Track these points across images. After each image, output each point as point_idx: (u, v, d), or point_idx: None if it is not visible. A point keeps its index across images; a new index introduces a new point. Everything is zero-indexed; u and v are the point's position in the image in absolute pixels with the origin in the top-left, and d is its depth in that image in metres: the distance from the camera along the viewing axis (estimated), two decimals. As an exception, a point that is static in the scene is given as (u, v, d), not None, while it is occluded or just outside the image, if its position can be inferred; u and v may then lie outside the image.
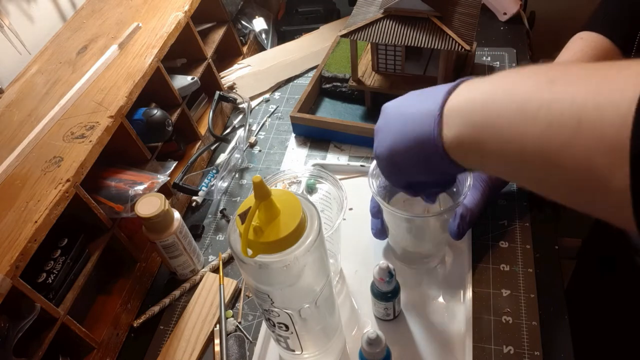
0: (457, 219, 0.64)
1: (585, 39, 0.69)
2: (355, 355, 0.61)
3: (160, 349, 0.67)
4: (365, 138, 0.85)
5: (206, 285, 0.72)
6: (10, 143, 0.66)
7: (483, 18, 1.05)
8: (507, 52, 0.99)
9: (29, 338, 0.56)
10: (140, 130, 0.73)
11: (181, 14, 0.82)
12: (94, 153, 0.63)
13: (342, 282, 0.70)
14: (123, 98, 0.69)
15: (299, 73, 1.05)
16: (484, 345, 0.61)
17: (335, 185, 0.63)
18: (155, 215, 0.65)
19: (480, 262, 0.69)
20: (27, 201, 0.58)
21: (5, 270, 0.51)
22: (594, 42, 0.68)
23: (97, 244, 0.66)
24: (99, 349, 0.64)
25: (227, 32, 1.01)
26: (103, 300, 0.70)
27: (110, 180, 0.70)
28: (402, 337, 0.64)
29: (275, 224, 0.43)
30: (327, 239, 0.61)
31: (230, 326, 0.68)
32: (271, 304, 0.49)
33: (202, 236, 0.80)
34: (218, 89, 0.95)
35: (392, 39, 0.77)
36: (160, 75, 0.78)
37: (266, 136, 0.95)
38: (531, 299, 0.64)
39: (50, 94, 0.73)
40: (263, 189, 0.42)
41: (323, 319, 0.55)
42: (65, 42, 0.84)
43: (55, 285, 0.60)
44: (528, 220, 0.73)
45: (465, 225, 0.64)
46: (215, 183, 0.84)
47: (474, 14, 0.80)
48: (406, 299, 0.67)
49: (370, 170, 0.62)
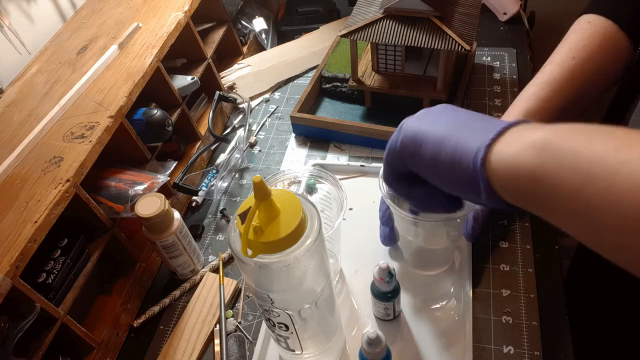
0: (470, 221, 0.64)
1: (592, 23, 0.67)
2: (355, 355, 0.61)
3: (160, 349, 0.67)
4: (365, 138, 0.86)
5: (206, 285, 0.72)
6: (10, 143, 0.66)
7: (483, 18, 1.05)
8: (507, 52, 0.99)
9: (29, 338, 0.56)
10: (140, 130, 0.73)
11: (181, 14, 0.82)
12: (94, 153, 0.63)
13: (342, 282, 0.70)
14: (123, 98, 0.69)
15: (299, 73, 1.05)
16: (484, 345, 0.61)
17: (335, 185, 0.63)
18: (155, 215, 0.65)
19: (480, 262, 0.69)
20: (27, 201, 0.58)
21: (5, 270, 0.51)
22: (602, 27, 0.66)
23: (97, 244, 0.66)
24: (99, 349, 0.64)
25: (227, 32, 1.01)
26: (103, 300, 0.70)
27: (110, 180, 0.70)
28: (402, 337, 0.64)
29: (275, 224, 0.43)
30: (327, 239, 0.61)
31: (230, 326, 0.68)
32: (271, 305, 0.49)
33: (202, 236, 0.80)
34: (218, 89, 0.95)
35: (392, 39, 0.77)
36: (160, 75, 0.78)
37: (266, 136, 0.95)
38: (531, 299, 0.64)
39: (50, 94, 0.73)
40: (263, 189, 0.42)
41: (323, 319, 0.55)
42: (65, 42, 0.84)
43: (55, 285, 0.60)
44: (528, 220, 0.73)
45: (479, 227, 0.64)
46: (215, 183, 0.84)
47: (474, 14, 0.80)
48: (406, 299, 0.67)
49: (380, 172, 0.62)
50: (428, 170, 0.44)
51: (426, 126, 0.44)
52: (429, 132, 0.43)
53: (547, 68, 0.66)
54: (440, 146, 0.42)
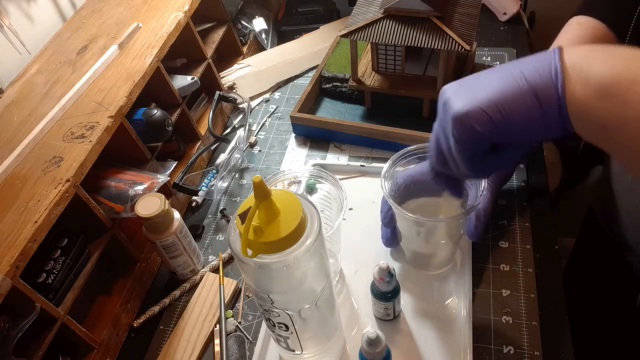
0: (473, 219, 0.64)
1: (582, 24, 0.69)
2: (355, 355, 0.61)
3: (160, 349, 0.67)
4: (365, 138, 0.86)
5: (206, 285, 0.72)
6: (10, 143, 0.66)
7: (483, 18, 1.05)
8: (507, 52, 1.00)
9: (29, 338, 0.56)
10: (140, 130, 0.73)
11: (181, 14, 0.82)
12: (94, 153, 0.63)
13: (342, 282, 0.70)
14: (123, 98, 0.69)
15: (299, 73, 1.05)
16: (484, 345, 0.61)
17: (335, 185, 0.63)
18: (155, 215, 0.65)
19: (480, 262, 0.69)
20: (27, 201, 0.58)
21: (5, 270, 0.51)
22: (592, 27, 0.67)
23: (97, 244, 0.66)
24: (99, 349, 0.64)
25: (227, 32, 1.01)
26: (103, 300, 0.70)
27: (110, 180, 0.70)
28: (402, 337, 0.64)
29: (275, 224, 0.43)
30: (327, 239, 0.61)
31: (230, 326, 0.68)
32: (271, 305, 0.49)
33: (202, 236, 0.80)
34: (218, 89, 0.95)
35: (392, 39, 0.77)
36: (160, 75, 0.78)
37: (266, 136, 0.95)
38: (531, 299, 0.64)
39: (50, 94, 0.73)
40: (263, 189, 0.42)
41: (323, 319, 0.55)
42: (65, 42, 0.84)
43: (55, 285, 0.60)
44: (528, 220, 0.73)
45: (482, 225, 0.64)
46: (215, 183, 0.84)
47: (474, 14, 0.80)
48: (406, 299, 0.67)
49: (383, 172, 0.62)
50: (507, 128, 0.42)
51: (478, 94, 0.42)
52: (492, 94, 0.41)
53: None
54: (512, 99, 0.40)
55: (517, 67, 0.41)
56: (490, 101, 0.41)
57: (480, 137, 0.42)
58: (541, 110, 0.39)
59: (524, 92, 0.40)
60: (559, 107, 0.39)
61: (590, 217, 0.88)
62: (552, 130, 0.40)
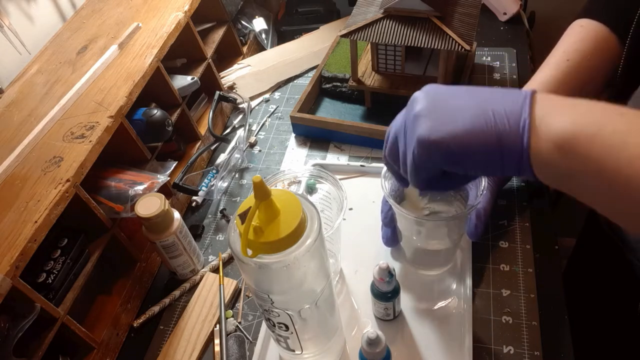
0: (474, 219, 0.64)
1: (585, 27, 0.69)
2: (355, 355, 0.61)
3: (160, 349, 0.67)
4: (365, 138, 0.86)
5: (206, 285, 0.72)
6: (10, 143, 0.66)
7: (483, 18, 1.05)
8: (507, 52, 0.99)
9: (29, 338, 0.56)
10: (140, 130, 0.73)
11: (181, 14, 0.82)
12: (94, 153, 0.63)
13: (342, 282, 0.70)
14: (123, 98, 0.69)
15: (299, 73, 1.05)
16: (484, 345, 0.61)
17: (335, 185, 0.63)
18: (155, 216, 0.65)
19: (480, 262, 0.69)
20: (27, 201, 0.58)
21: (5, 270, 0.51)
22: (594, 30, 0.68)
23: (97, 244, 0.66)
24: (99, 349, 0.64)
25: (227, 32, 1.01)
26: (103, 300, 0.70)
27: (110, 180, 0.70)
28: (402, 337, 0.64)
29: (275, 224, 0.43)
30: (327, 239, 0.61)
31: (230, 326, 0.68)
32: (271, 305, 0.49)
33: (202, 236, 0.80)
34: (218, 89, 0.95)
35: (392, 39, 0.77)
36: (160, 75, 0.78)
37: (266, 136, 0.95)
38: (531, 299, 0.64)
39: (50, 94, 0.73)
40: (263, 189, 0.42)
41: (323, 319, 0.55)
42: (65, 42, 0.84)
43: (55, 285, 0.60)
44: (528, 220, 0.73)
45: (482, 225, 0.65)
46: (215, 183, 0.84)
47: (474, 14, 0.80)
48: (406, 299, 0.67)
49: (383, 172, 0.62)
50: (464, 161, 0.44)
51: (447, 125, 0.43)
52: (457, 130, 0.42)
53: (542, 70, 0.69)
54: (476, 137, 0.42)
55: (489, 105, 0.42)
56: (457, 137, 0.42)
57: (438, 164, 0.44)
58: (501, 156, 0.41)
59: (490, 136, 0.41)
60: (519, 157, 0.40)
61: (590, 217, 0.88)
62: (508, 173, 0.43)
